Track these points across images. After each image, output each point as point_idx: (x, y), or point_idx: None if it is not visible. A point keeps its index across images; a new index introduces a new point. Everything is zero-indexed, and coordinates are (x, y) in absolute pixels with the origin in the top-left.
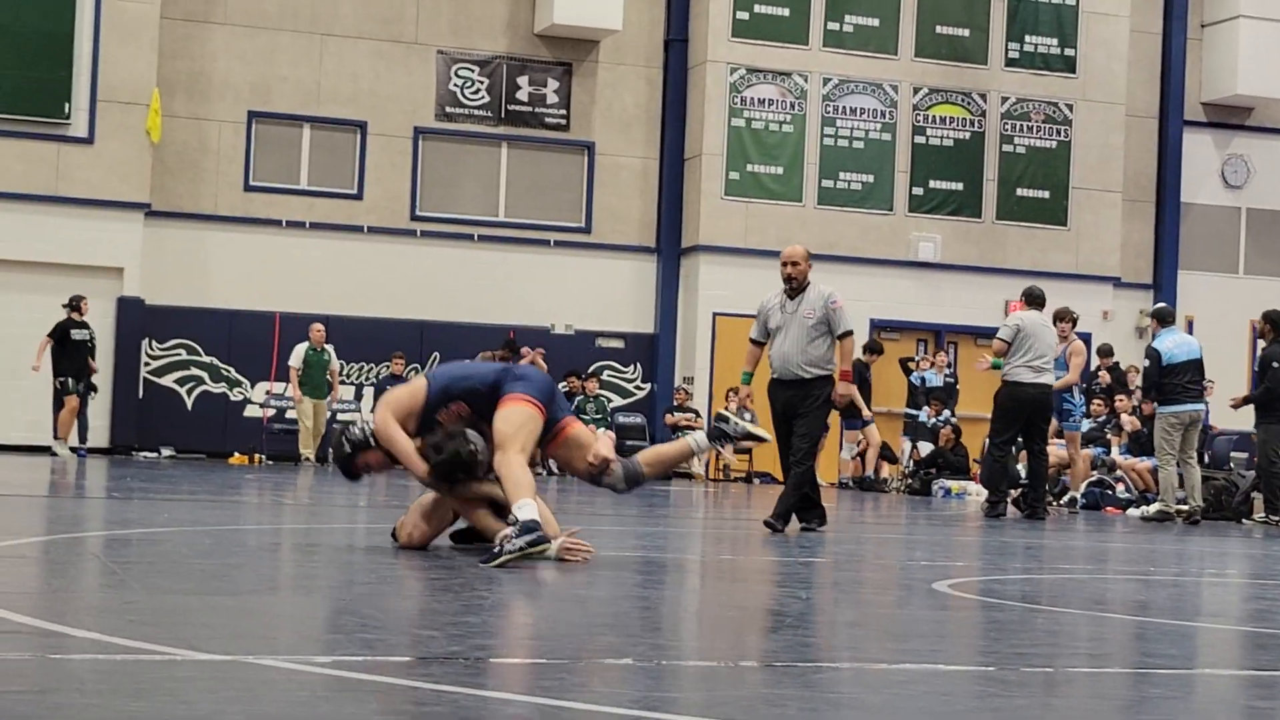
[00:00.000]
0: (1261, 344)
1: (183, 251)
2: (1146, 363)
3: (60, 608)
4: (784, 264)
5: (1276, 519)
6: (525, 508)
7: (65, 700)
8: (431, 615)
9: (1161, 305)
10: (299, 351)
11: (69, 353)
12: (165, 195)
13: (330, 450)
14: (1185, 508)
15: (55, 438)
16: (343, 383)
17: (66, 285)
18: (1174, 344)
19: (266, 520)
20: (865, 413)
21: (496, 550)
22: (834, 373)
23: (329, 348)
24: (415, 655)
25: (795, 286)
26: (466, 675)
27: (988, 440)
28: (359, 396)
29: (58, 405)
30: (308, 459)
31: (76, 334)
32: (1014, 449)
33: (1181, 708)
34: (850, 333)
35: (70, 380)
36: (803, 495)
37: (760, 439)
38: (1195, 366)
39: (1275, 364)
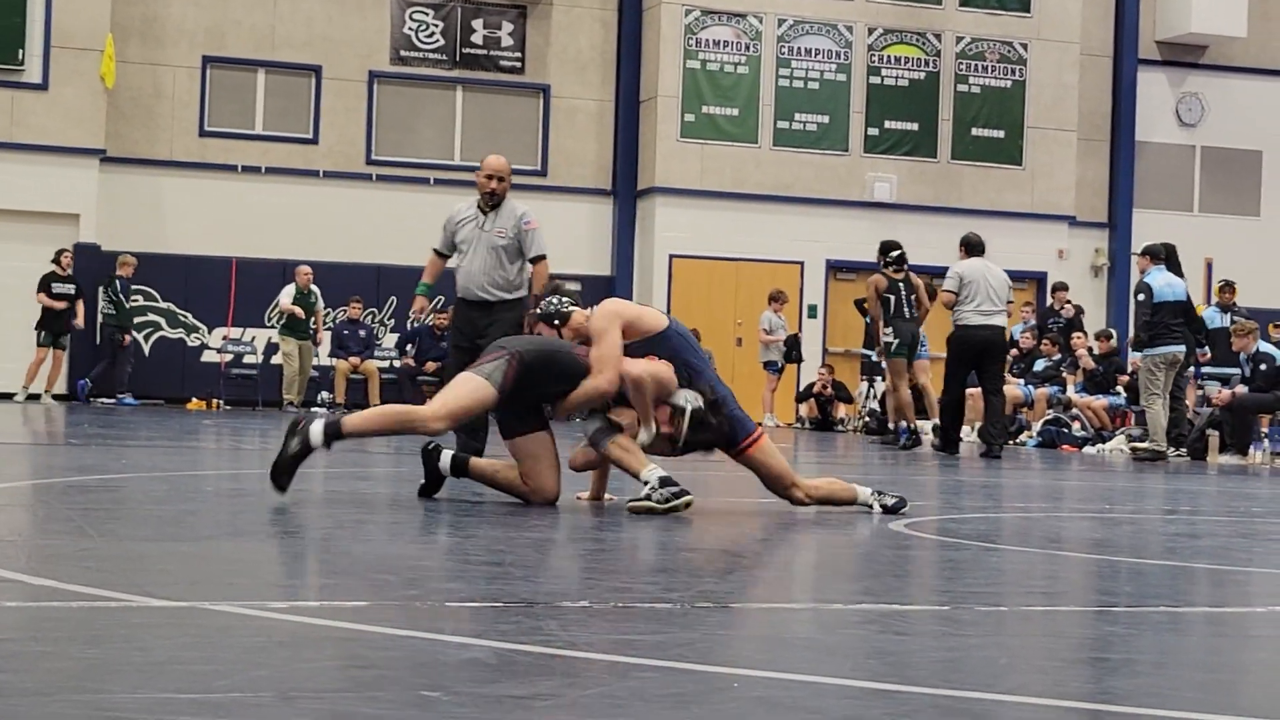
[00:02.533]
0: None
1: (138, 197)
2: (1140, 297)
3: (16, 554)
4: (488, 176)
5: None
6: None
7: (20, 648)
8: (388, 560)
9: (1152, 243)
10: (289, 291)
11: (49, 307)
12: (120, 141)
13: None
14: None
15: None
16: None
17: (22, 232)
18: (1164, 282)
19: (224, 466)
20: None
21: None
22: (525, 297)
23: (315, 290)
24: (372, 600)
25: (493, 203)
26: (423, 619)
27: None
28: (316, 342)
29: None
30: (291, 403)
31: (59, 288)
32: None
33: (1137, 645)
34: (544, 257)
35: (43, 333)
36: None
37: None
38: (1180, 308)
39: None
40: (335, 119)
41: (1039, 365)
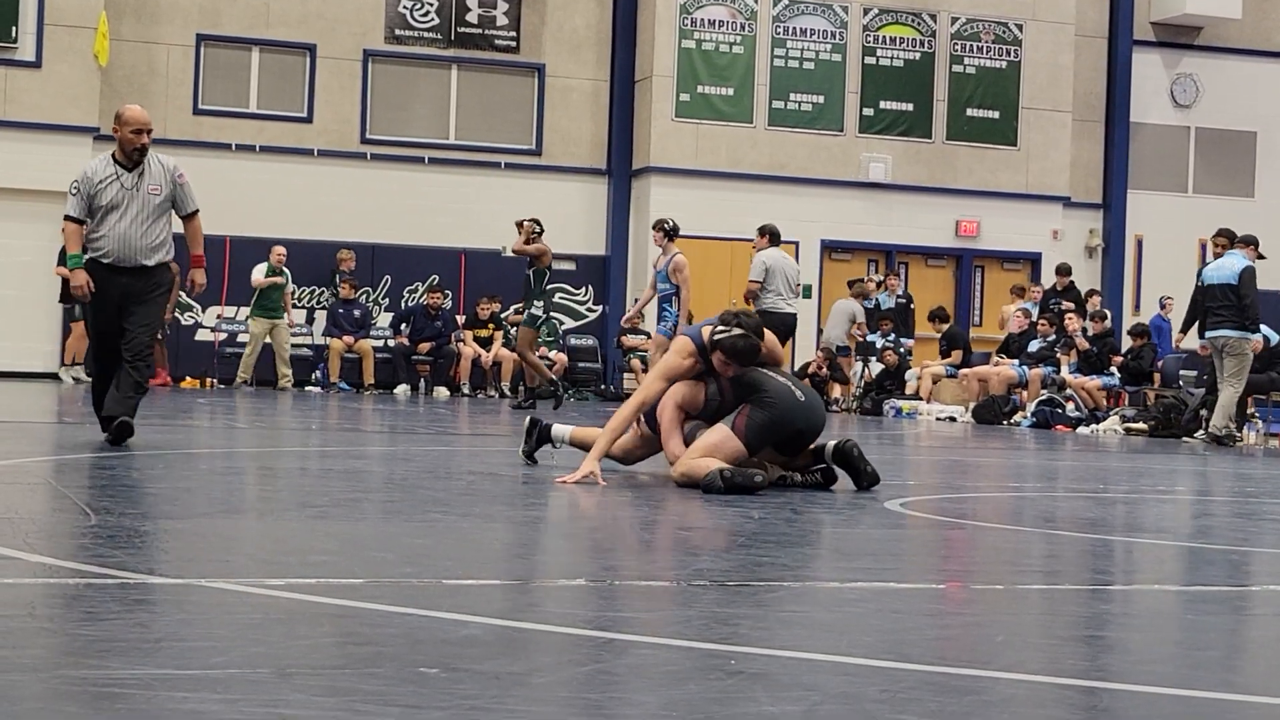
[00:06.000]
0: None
1: None
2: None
3: (13, 532)
4: (135, 131)
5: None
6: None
7: (17, 625)
8: (384, 538)
9: (1225, 228)
10: (260, 270)
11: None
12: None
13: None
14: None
15: (62, 364)
16: (295, 306)
17: (14, 209)
18: (1214, 266)
19: (219, 444)
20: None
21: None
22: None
23: (286, 270)
24: (368, 578)
25: (140, 158)
26: (420, 597)
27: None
28: (310, 320)
29: (66, 331)
30: (244, 381)
31: None
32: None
33: (1132, 623)
34: (199, 210)
35: (76, 307)
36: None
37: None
38: (1225, 291)
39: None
40: (330, 97)
41: (1033, 345)
